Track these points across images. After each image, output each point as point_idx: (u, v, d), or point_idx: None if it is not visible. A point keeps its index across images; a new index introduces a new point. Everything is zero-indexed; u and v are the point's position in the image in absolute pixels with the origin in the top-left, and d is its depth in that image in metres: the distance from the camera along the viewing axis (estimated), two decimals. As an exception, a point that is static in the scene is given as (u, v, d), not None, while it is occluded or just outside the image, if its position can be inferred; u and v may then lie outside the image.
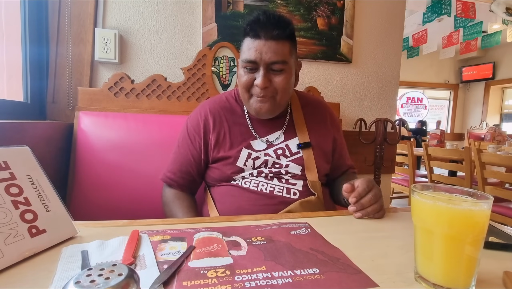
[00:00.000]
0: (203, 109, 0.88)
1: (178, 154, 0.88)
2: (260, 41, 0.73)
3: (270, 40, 0.73)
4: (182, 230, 0.53)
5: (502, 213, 1.97)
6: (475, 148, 2.13)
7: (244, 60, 0.76)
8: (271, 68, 0.75)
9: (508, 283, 0.38)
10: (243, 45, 0.78)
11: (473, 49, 4.59)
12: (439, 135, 3.61)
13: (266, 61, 0.74)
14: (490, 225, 0.59)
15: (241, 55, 0.79)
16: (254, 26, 0.74)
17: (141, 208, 1.02)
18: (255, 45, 0.74)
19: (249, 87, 0.78)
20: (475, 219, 0.32)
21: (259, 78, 0.75)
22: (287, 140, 0.84)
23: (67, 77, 1.18)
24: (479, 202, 0.36)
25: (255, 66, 0.75)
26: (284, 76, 0.76)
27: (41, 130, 0.95)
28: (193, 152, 0.86)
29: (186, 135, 0.88)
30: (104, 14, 1.21)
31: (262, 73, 0.74)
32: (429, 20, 3.61)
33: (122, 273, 0.28)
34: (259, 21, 0.74)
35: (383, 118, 1.48)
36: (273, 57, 0.73)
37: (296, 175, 0.82)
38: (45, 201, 0.46)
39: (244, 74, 0.77)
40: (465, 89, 6.97)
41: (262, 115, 0.81)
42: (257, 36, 0.74)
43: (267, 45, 0.73)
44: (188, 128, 0.88)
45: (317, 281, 0.37)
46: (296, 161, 0.82)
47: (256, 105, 0.79)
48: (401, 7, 1.54)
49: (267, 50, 0.73)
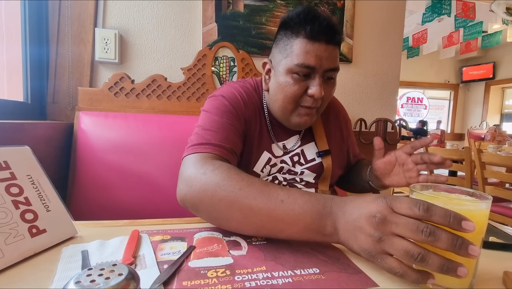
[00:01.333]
0: (237, 91, 0.73)
1: (220, 123, 0.65)
2: (321, 45, 0.63)
3: (331, 45, 0.64)
4: (182, 230, 0.53)
5: (502, 213, 1.97)
6: (475, 148, 2.13)
7: (300, 64, 0.63)
8: (325, 76, 0.66)
9: (508, 283, 0.38)
10: (293, 47, 0.64)
11: (473, 49, 4.59)
12: (439, 135, 3.61)
13: (325, 68, 0.64)
14: (490, 225, 0.59)
15: (288, 58, 0.65)
16: (313, 26, 0.62)
17: (141, 208, 1.02)
18: (314, 48, 0.63)
19: (299, 97, 0.67)
20: (474, 219, 0.32)
21: (316, 87, 0.64)
22: (303, 145, 0.79)
23: (67, 77, 1.18)
24: (478, 202, 0.37)
25: (310, 72, 0.65)
26: (333, 86, 0.69)
27: (41, 130, 0.95)
28: (239, 126, 0.68)
29: (227, 105, 0.68)
30: (104, 14, 1.21)
31: (319, 81, 0.64)
32: (429, 20, 3.61)
33: (122, 273, 0.28)
34: (320, 21, 0.62)
35: (383, 118, 1.48)
36: (332, 64, 0.65)
37: (309, 183, 0.78)
38: (45, 201, 0.46)
39: (294, 82, 0.65)
40: (465, 89, 6.96)
41: (301, 127, 0.74)
42: (317, 39, 0.63)
43: (329, 51, 0.64)
44: (228, 100, 0.69)
45: (317, 281, 0.37)
46: (311, 169, 0.78)
47: (301, 118, 0.69)
48: (401, 7, 1.54)
49: (328, 56, 0.64)
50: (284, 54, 0.66)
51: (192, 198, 0.51)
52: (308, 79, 0.65)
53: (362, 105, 1.55)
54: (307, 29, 0.62)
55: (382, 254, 0.36)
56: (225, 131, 0.64)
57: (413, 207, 0.34)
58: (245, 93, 0.73)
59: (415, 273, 0.34)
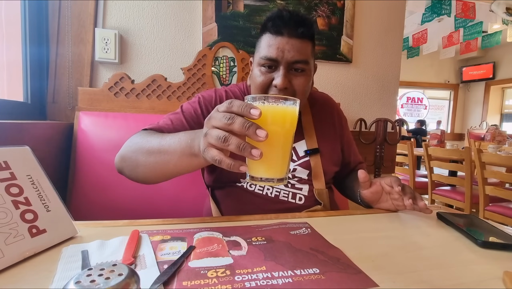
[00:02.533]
0: (218, 92, 0.81)
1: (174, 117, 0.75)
2: (283, 38, 0.68)
3: (294, 38, 0.68)
4: (182, 230, 0.53)
5: (502, 213, 1.97)
6: (475, 148, 2.13)
7: (263, 57, 0.69)
8: (292, 68, 0.70)
9: (508, 283, 0.38)
10: (261, 42, 0.72)
11: (473, 49, 4.60)
12: (439, 135, 3.62)
13: (288, 60, 0.68)
14: (490, 225, 0.59)
15: (258, 52, 0.72)
16: (276, 21, 0.68)
17: (141, 208, 1.02)
18: (276, 42, 0.68)
19: (266, 88, 0.71)
20: (285, 114, 0.41)
21: (279, 78, 0.68)
22: (294, 142, 0.80)
23: (67, 77, 1.18)
24: (287, 101, 0.42)
25: (274, 64, 0.69)
26: (304, 77, 0.71)
27: (41, 130, 0.95)
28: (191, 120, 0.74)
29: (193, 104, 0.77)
30: (104, 14, 1.21)
31: (282, 72, 0.68)
32: (428, 20, 3.61)
33: (122, 273, 0.28)
34: (282, 17, 0.68)
35: (383, 118, 1.48)
36: (296, 56, 0.68)
37: (303, 180, 0.79)
38: (45, 201, 0.46)
39: (261, 74, 0.71)
40: (465, 89, 6.97)
41: None
42: (279, 33, 0.68)
43: (290, 43, 0.67)
44: (201, 98, 0.78)
45: (317, 281, 0.37)
46: (303, 165, 0.79)
47: None
48: (401, 7, 1.54)
49: (290, 48, 0.67)
50: (256, 49, 0.75)
51: (118, 157, 0.65)
52: (274, 71, 0.70)
53: (362, 105, 1.55)
54: (270, 25, 0.69)
55: (208, 146, 0.41)
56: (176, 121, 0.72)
57: (225, 103, 0.41)
58: (225, 95, 0.80)
59: (229, 159, 0.40)
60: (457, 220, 0.60)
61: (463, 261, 0.46)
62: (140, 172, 0.59)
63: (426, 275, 0.41)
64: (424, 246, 0.51)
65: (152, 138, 0.57)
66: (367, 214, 0.69)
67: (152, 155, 0.55)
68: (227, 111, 0.41)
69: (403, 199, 0.64)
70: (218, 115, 0.40)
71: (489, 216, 2.04)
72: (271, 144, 0.41)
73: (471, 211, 2.22)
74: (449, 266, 0.43)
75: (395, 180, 0.67)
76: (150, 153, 0.56)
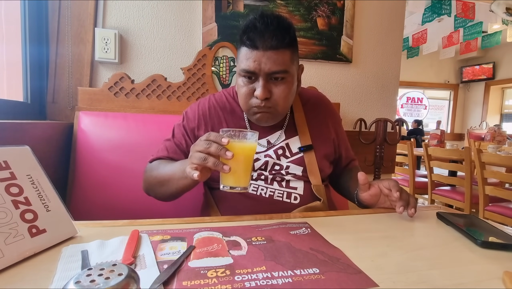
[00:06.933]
0: (201, 106, 0.86)
1: (171, 143, 0.85)
2: (258, 52, 0.68)
3: (269, 50, 0.68)
4: (182, 230, 0.53)
5: (502, 213, 1.97)
6: (475, 148, 2.13)
7: (242, 70, 0.71)
8: (272, 77, 0.71)
9: (508, 283, 0.38)
10: (239, 54, 0.73)
11: (473, 49, 4.60)
12: (439, 136, 3.61)
13: (266, 71, 0.69)
14: (490, 225, 0.59)
15: (238, 63, 0.74)
16: (250, 35, 0.68)
17: (141, 208, 1.02)
18: (253, 55, 0.69)
19: (249, 98, 0.73)
20: (245, 143, 0.57)
21: (259, 90, 0.70)
22: (287, 139, 0.82)
23: (67, 77, 1.18)
24: (247, 134, 0.58)
25: (254, 76, 0.71)
26: (285, 85, 0.72)
27: (41, 130, 0.95)
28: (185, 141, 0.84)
29: (179, 125, 0.86)
30: (104, 14, 1.21)
31: (261, 84, 0.70)
32: (428, 20, 3.61)
33: (122, 273, 0.28)
34: (256, 28, 0.68)
35: (383, 119, 1.48)
36: (273, 67, 0.69)
37: (297, 176, 0.80)
38: (45, 200, 0.46)
39: (243, 84, 0.73)
40: (465, 89, 6.97)
41: (262, 124, 0.78)
42: (254, 47, 0.68)
43: (266, 56, 0.68)
44: (185, 118, 0.86)
45: (317, 281, 0.37)
46: (296, 162, 0.80)
47: (256, 116, 0.75)
48: (401, 7, 1.54)
49: (266, 61, 0.68)
50: (236, 59, 0.77)
51: (144, 189, 0.83)
52: (254, 81, 0.72)
53: (362, 105, 1.55)
54: (245, 38, 0.70)
55: (191, 164, 0.57)
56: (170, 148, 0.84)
57: (205, 135, 0.57)
58: (211, 105, 0.85)
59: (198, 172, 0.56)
60: (457, 220, 0.60)
61: (463, 261, 0.46)
62: (160, 196, 0.78)
63: (426, 275, 0.41)
64: (424, 246, 0.51)
65: (158, 171, 0.76)
66: (367, 214, 0.69)
67: (162, 185, 0.74)
68: (206, 140, 0.56)
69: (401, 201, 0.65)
70: (200, 143, 0.56)
71: (489, 216, 2.04)
72: (236, 162, 0.55)
73: (471, 211, 2.22)
74: (449, 266, 0.43)
75: (394, 184, 0.67)
76: (160, 184, 0.74)
